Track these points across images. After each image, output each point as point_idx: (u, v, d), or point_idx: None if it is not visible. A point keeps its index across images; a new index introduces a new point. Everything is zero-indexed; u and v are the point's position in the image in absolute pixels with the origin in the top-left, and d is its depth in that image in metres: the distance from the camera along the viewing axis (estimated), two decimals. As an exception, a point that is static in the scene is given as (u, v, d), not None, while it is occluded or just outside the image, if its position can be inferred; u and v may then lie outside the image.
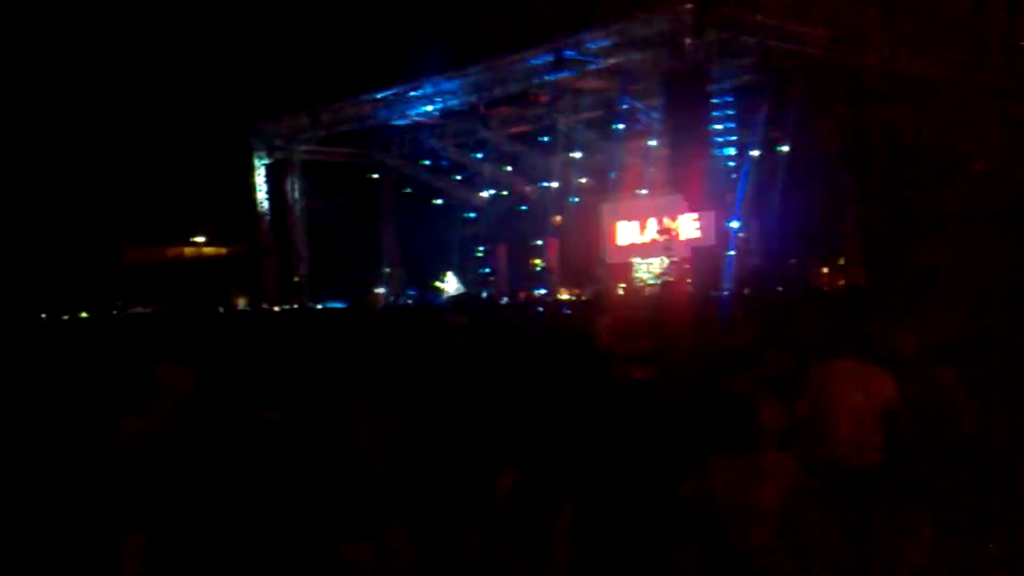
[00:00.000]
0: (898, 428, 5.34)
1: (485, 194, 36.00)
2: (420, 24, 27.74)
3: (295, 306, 30.39)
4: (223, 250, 37.59)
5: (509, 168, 35.15)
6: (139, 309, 28.41)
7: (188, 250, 37.22)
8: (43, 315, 23.38)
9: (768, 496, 3.84)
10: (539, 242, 34.57)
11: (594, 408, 5.21)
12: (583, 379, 5.58)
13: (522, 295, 30.12)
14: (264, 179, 34.02)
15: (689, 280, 24.65)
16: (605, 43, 24.59)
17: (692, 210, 25.98)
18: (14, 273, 26.42)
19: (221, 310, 25.55)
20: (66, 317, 23.27)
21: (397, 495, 4.34)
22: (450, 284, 33.40)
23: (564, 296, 27.50)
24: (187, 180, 30.99)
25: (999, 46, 21.87)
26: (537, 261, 34.71)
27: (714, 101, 23.87)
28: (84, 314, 25.32)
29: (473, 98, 28.87)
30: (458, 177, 35.64)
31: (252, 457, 4.21)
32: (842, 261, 25.35)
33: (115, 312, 28.04)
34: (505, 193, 36.13)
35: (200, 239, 37.26)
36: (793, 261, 25.23)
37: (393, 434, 4.57)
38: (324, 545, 4.01)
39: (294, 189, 33.89)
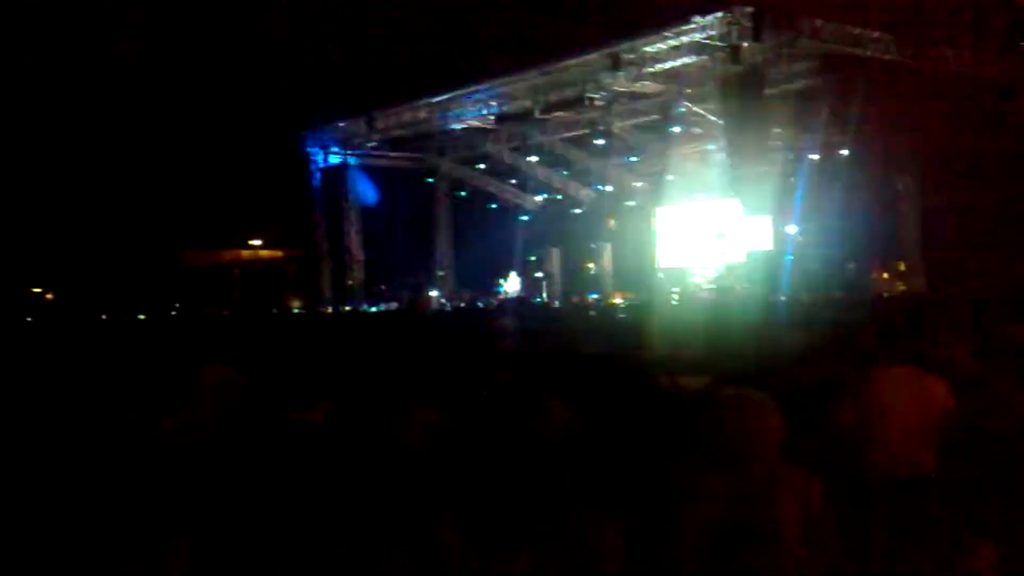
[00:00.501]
0: (952, 437, 5.21)
1: (539, 198, 35.98)
2: (475, 28, 27.79)
3: (348, 309, 30.58)
4: (279, 253, 37.95)
5: (564, 172, 35.11)
6: (197, 311, 28.74)
7: (245, 253, 37.64)
8: (103, 316, 23.77)
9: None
10: (593, 246, 34.49)
11: (643, 417, 5.13)
12: (632, 387, 5.51)
13: (575, 299, 30.06)
14: (320, 183, 34.24)
15: (746, 286, 24.40)
16: (662, 47, 24.43)
17: (749, 214, 25.68)
18: (73, 275, 26.94)
19: (275, 312, 25.75)
20: (125, 319, 23.60)
21: (446, 498, 4.30)
22: (512, 284, 33.40)
23: (618, 301, 27.38)
24: (244, 184, 31.34)
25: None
26: (591, 265, 34.61)
27: (772, 105, 23.62)
28: (142, 316, 25.68)
29: (528, 102, 28.81)
30: (512, 181, 35.61)
31: (297, 459, 4.19)
32: (902, 266, 24.96)
33: (173, 314, 28.42)
34: (559, 197, 36.11)
35: (256, 243, 37.64)
36: (852, 266, 24.91)
37: (441, 436, 4.54)
38: (371, 548, 3.96)
39: (349, 193, 34.08)
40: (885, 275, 24.61)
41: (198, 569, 3.90)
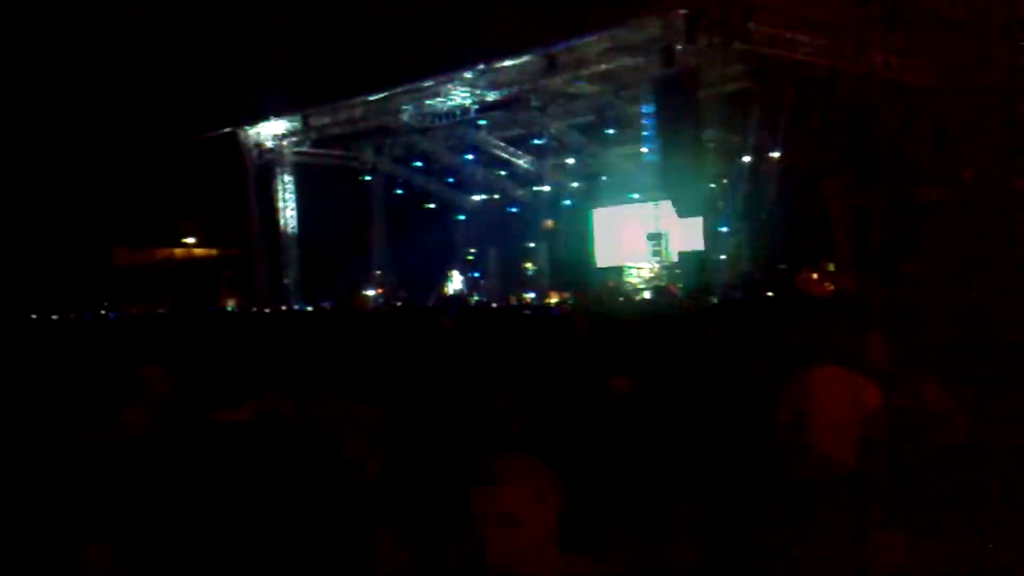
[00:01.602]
0: (880, 436, 5.32)
1: (476, 197, 36.02)
2: (412, 27, 27.71)
3: (284, 308, 30.34)
4: (213, 251, 37.49)
5: (501, 172, 35.20)
6: (127, 311, 28.29)
7: (178, 251, 37.13)
8: (32, 316, 23.28)
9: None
10: (530, 245, 34.62)
11: (575, 415, 5.17)
12: (564, 386, 5.55)
13: (512, 299, 30.15)
14: (254, 181, 33.91)
15: (679, 285, 24.65)
16: (597, 48, 24.60)
17: (682, 215, 25.97)
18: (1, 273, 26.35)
19: (209, 311, 25.45)
20: (54, 318, 23.16)
21: (381, 498, 4.31)
22: (455, 283, 33.40)
23: (554, 300, 27.51)
24: (177, 181, 30.91)
25: (994, 56, 21.93)
26: (528, 265, 34.73)
27: (706, 107, 23.87)
28: (70, 315, 25.20)
29: (465, 102, 28.86)
30: (450, 180, 35.62)
31: (226, 460, 4.16)
32: (831, 267, 25.37)
33: (102, 313, 27.92)
34: (496, 196, 36.18)
35: (190, 240, 37.16)
36: (783, 267, 25.27)
37: (376, 434, 4.54)
38: (304, 551, 3.94)
39: (284, 191, 33.81)
40: (814, 276, 24.98)
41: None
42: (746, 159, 24.75)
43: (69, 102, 28.86)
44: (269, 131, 33.43)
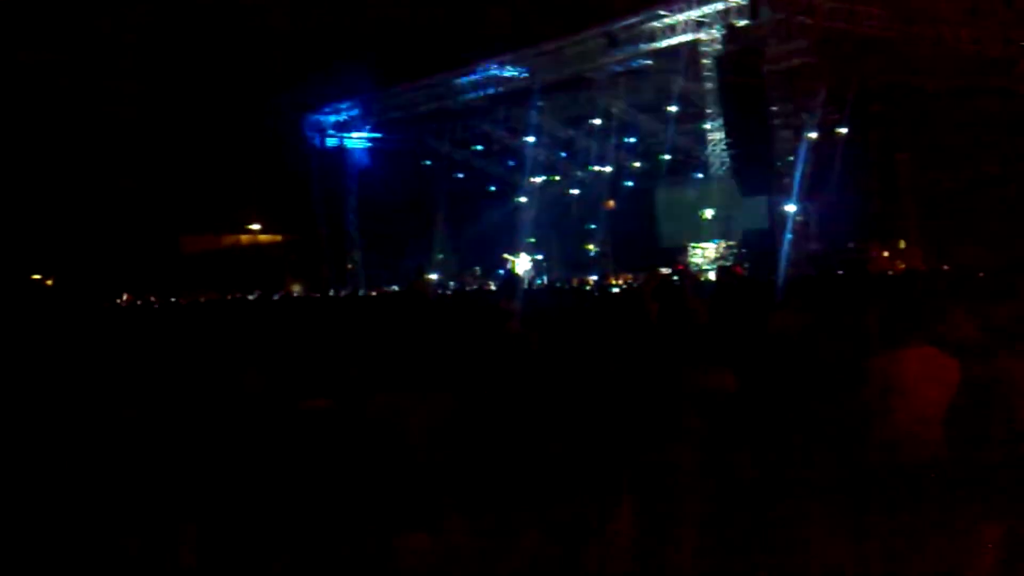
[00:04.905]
0: (963, 419, 5.16)
1: (538, 179, 35.91)
2: (472, 8, 27.66)
3: (349, 293, 30.54)
4: (278, 238, 37.87)
5: (562, 153, 35.06)
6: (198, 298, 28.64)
7: (244, 238, 37.55)
8: (103, 304, 23.71)
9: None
10: (592, 227, 34.45)
11: (645, 403, 5.10)
12: (632, 373, 5.47)
13: (575, 281, 30.03)
14: (318, 167, 34.19)
15: (745, 264, 24.37)
16: (659, 25, 24.37)
17: (748, 193, 25.63)
18: (71, 264, 26.89)
19: (276, 297, 25.68)
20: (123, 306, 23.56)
21: (452, 485, 4.30)
22: (522, 264, 33.31)
23: (618, 282, 27.36)
24: (242, 169, 31.25)
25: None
26: (591, 246, 34.57)
27: (770, 83, 23.55)
28: (139, 303, 25.64)
29: (526, 83, 28.74)
30: (511, 163, 35.57)
31: (303, 447, 4.18)
32: (902, 244, 24.95)
33: (172, 300, 28.34)
34: (558, 178, 36.06)
35: (255, 227, 37.56)
36: (852, 244, 24.88)
37: (447, 422, 4.53)
38: (380, 536, 3.96)
39: (347, 176, 34.03)
40: (885, 253, 24.57)
41: (207, 554, 3.92)
42: (813, 135, 24.35)
43: (137, 95, 29.28)
44: (331, 117, 33.66)
